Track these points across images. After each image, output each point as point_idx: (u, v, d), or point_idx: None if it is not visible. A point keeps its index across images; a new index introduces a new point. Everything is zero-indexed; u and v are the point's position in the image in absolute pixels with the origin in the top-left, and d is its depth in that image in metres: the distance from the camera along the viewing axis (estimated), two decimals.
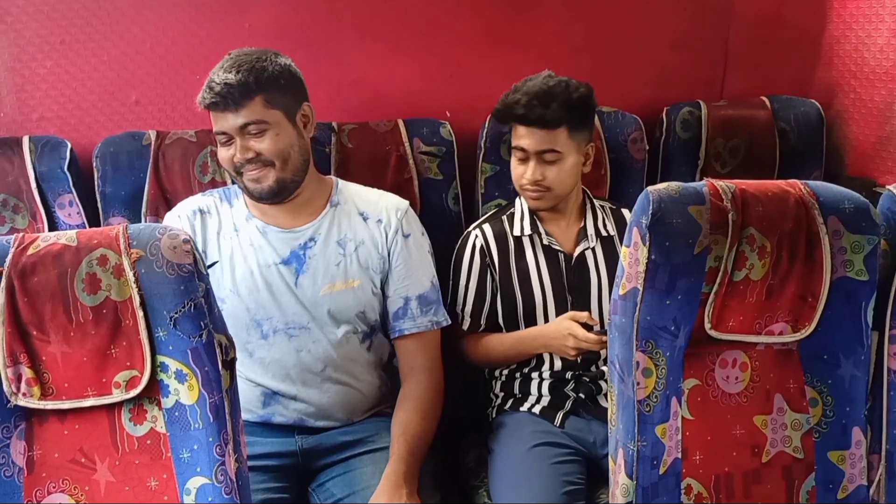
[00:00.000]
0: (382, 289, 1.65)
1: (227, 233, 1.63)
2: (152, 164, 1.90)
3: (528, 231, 1.76)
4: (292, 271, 1.60)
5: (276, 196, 1.58)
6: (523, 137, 1.68)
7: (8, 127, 1.99)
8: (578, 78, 1.71)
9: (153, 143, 1.91)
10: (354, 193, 1.69)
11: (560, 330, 1.63)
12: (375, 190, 1.73)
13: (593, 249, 1.76)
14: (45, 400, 1.15)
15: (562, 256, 1.75)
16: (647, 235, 1.20)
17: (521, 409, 1.74)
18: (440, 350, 1.69)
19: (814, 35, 2.16)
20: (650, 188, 1.23)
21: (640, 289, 1.23)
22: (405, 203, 1.70)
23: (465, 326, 1.77)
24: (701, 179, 2.02)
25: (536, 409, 1.73)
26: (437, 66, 2.09)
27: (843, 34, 2.08)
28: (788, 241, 1.24)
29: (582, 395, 1.72)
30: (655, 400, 1.25)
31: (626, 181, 2.01)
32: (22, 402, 1.15)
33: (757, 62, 2.19)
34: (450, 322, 1.71)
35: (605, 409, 1.66)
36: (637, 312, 1.23)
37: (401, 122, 2.00)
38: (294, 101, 1.57)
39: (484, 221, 1.80)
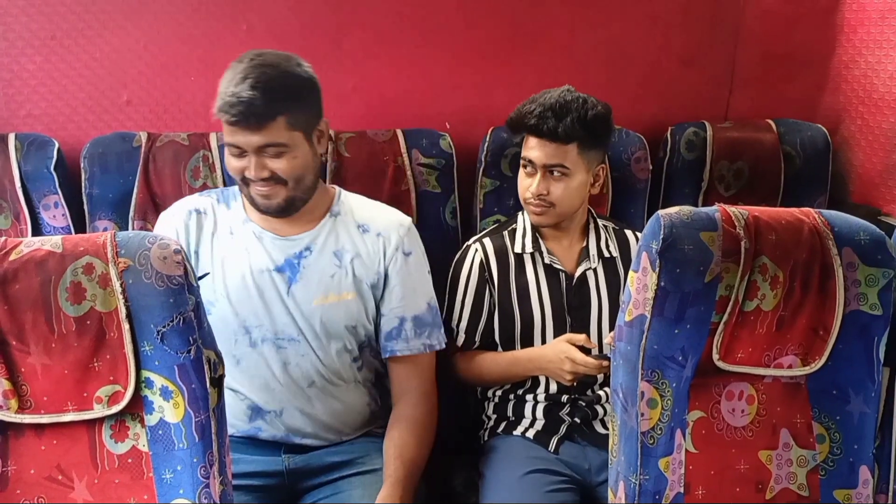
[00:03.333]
0: (377, 306, 1.60)
1: (222, 235, 1.58)
2: (142, 167, 1.85)
3: (529, 249, 1.71)
4: (285, 279, 1.55)
5: (284, 213, 1.53)
6: (533, 149, 1.65)
7: None
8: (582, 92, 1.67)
9: (144, 144, 1.86)
10: (355, 205, 1.64)
11: (557, 353, 1.59)
12: (378, 203, 1.68)
13: (595, 270, 1.72)
14: (22, 413, 1.11)
15: (563, 276, 1.71)
16: (657, 261, 1.17)
17: (515, 432, 1.70)
18: (435, 373, 1.64)
19: (822, 59, 2.13)
20: (661, 212, 1.19)
21: (648, 316, 1.19)
22: (408, 220, 1.65)
23: (459, 342, 1.73)
24: (704, 201, 2.03)
25: (530, 434, 1.68)
26: (439, 76, 2.05)
27: (852, 59, 2.05)
28: (802, 272, 1.21)
29: (577, 420, 1.67)
30: (660, 432, 1.21)
31: (627, 200, 1.97)
32: None
33: (763, 84, 2.16)
34: (444, 347, 1.65)
35: (601, 435, 1.65)
36: (644, 340, 1.19)
37: (399, 133, 1.96)
38: (313, 118, 1.51)
39: (484, 235, 1.76)
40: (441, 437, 1.63)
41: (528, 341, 1.71)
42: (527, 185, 1.68)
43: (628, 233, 1.79)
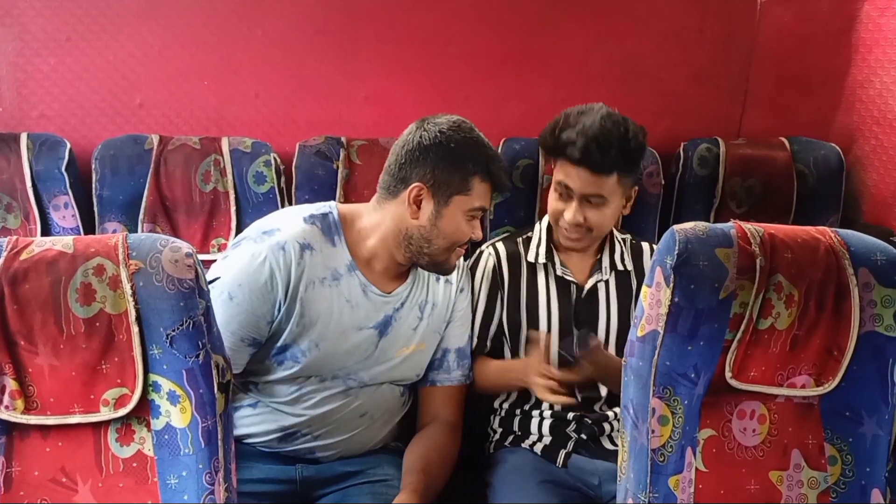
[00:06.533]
0: None
1: (328, 279, 1.47)
2: (153, 170, 1.85)
3: (542, 259, 1.71)
4: (377, 334, 1.52)
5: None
6: (571, 178, 1.59)
7: (6, 123, 1.94)
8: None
9: (155, 147, 1.87)
10: None
11: (524, 366, 1.58)
12: None
13: (606, 282, 1.71)
14: (28, 414, 1.10)
15: (573, 287, 1.70)
16: (672, 277, 1.16)
17: (522, 445, 1.68)
18: (464, 406, 1.64)
19: (836, 78, 2.14)
20: (676, 227, 1.18)
21: (661, 332, 1.17)
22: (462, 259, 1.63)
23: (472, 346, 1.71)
24: (716, 218, 2.02)
25: (538, 448, 1.66)
26: (452, 86, 2.06)
27: (866, 79, 2.05)
28: (817, 291, 1.19)
29: (584, 436, 1.66)
30: (670, 450, 1.19)
31: (639, 215, 1.97)
32: (3, 415, 1.09)
33: (777, 102, 2.17)
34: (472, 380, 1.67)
35: (609, 450, 1.63)
36: (656, 356, 1.18)
37: None
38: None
39: (498, 240, 1.76)
40: None
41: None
42: (559, 208, 1.63)
43: (644, 245, 1.78)
